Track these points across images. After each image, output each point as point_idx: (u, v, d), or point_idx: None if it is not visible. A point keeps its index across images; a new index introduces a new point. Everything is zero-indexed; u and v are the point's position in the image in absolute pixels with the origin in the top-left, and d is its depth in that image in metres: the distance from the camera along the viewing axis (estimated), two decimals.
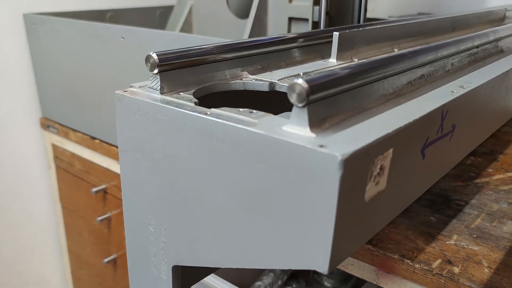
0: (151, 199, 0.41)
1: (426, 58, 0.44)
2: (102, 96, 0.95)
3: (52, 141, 1.18)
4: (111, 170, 1.03)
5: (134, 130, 0.39)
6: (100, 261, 1.15)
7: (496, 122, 0.61)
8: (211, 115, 0.33)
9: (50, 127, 1.14)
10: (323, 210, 0.28)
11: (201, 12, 1.09)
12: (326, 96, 0.31)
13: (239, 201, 0.33)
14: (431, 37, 0.67)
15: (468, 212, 0.60)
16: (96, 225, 1.14)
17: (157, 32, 0.79)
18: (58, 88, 1.06)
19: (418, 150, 0.37)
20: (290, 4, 0.89)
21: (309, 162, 0.28)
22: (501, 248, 0.52)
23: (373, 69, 0.36)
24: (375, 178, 0.31)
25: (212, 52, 0.44)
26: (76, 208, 1.20)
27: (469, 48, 0.54)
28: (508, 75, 0.53)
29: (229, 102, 0.42)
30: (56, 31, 0.98)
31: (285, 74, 0.47)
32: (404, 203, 0.40)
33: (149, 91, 0.40)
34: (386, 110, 0.35)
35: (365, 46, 0.54)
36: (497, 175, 0.72)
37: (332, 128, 0.31)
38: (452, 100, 0.40)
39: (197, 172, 0.35)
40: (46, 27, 1.01)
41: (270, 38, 0.50)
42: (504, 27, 0.64)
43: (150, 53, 0.39)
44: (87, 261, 1.25)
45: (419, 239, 0.54)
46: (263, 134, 0.30)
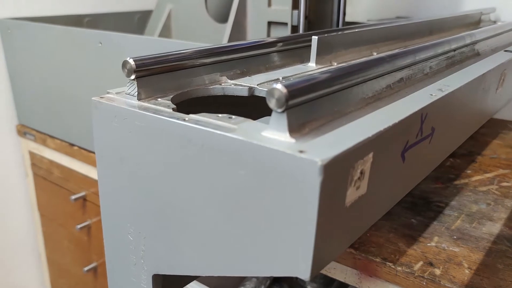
0: (129, 207, 0.40)
1: (404, 62, 0.44)
2: (80, 102, 0.93)
3: (29, 149, 1.15)
4: (91, 177, 1.02)
5: (112, 137, 0.39)
6: (80, 269, 1.13)
7: (474, 124, 0.62)
8: (189, 121, 0.33)
9: (27, 134, 1.12)
10: (303, 215, 0.28)
11: (180, 17, 1.08)
12: (306, 101, 0.31)
13: (219, 208, 0.33)
14: (409, 40, 0.68)
15: (448, 214, 0.61)
16: (75, 233, 1.12)
17: (135, 37, 0.78)
18: (35, 94, 1.04)
19: (398, 153, 0.37)
20: (269, 8, 0.88)
21: (289, 168, 0.28)
22: (481, 249, 0.53)
23: (352, 73, 0.36)
24: (355, 182, 0.31)
25: (191, 57, 0.43)
26: (55, 216, 1.18)
27: (447, 51, 0.54)
28: (485, 77, 0.53)
29: (208, 107, 0.41)
30: (32, 36, 0.97)
31: (265, 78, 0.46)
32: (385, 206, 0.40)
33: (126, 97, 0.39)
34: (365, 114, 0.35)
35: (344, 50, 0.54)
36: (475, 176, 0.73)
37: (311, 133, 0.31)
38: (431, 103, 0.40)
39: (176, 179, 0.35)
40: (22, 32, 0.99)
41: (249, 43, 0.50)
42: (480, 31, 0.65)
43: (127, 59, 0.38)
44: (67, 270, 1.22)
45: (401, 241, 0.54)
46: (242, 140, 0.30)
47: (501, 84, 0.63)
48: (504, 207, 0.63)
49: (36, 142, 1.11)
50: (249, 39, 0.88)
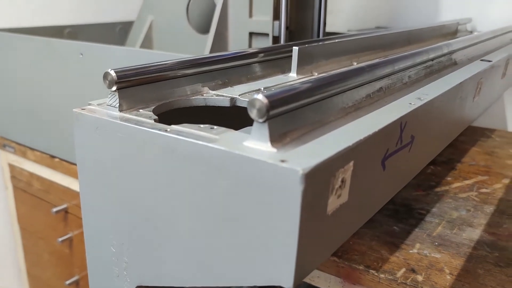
0: (112, 218, 0.40)
1: (384, 71, 0.45)
2: (60, 113, 0.93)
3: (9, 161, 1.14)
4: (72, 189, 1.01)
5: (93, 149, 0.39)
6: (62, 283, 1.12)
7: (453, 132, 0.63)
8: (171, 132, 0.33)
9: (6, 146, 1.10)
10: (286, 224, 0.28)
11: (162, 28, 1.08)
12: (287, 111, 0.31)
13: (202, 219, 0.33)
14: (389, 50, 0.69)
15: (430, 221, 0.61)
16: (57, 246, 1.10)
17: (117, 48, 0.78)
18: (15, 106, 1.03)
19: (379, 161, 0.37)
20: (250, 19, 0.89)
21: (271, 177, 0.28)
22: (462, 255, 0.53)
23: (333, 83, 0.37)
24: (336, 191, 0.31)
25: (172, 68, 0.43)
26: (35, 229, 1.16)
27: (425, 61, 0.55)
28: (462, 86, 0.54)
29: (190, 118, 0.41)
30: (12, 47, 0.96)
31: (246, 89, 0.47)
32: (367, 214, 0.41)
33: (108, 109, 0.39)
34: (346, 123, 0.36)
35: (325, 60, 0.55)
36: (455, 183, 0.74)
37: (293, 143, 0.31)
38: (410, 111, 0.41)
39: (158, 190, 0.35)
40: (1, 43, 0.98)
41: (230, 54, 0.50)
42: (457, 41, 0.66)
43: (108, 70, 0.38)
44: (48, 284, 1.20)
45: (383, 249, 0.54)
46: (224, 150, 0.30)
47: (478, 92, 0.64)
48: (484, 213, 0.64)
49: (16, 154, 1.09)
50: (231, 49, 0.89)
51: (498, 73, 0.75)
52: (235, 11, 0.92)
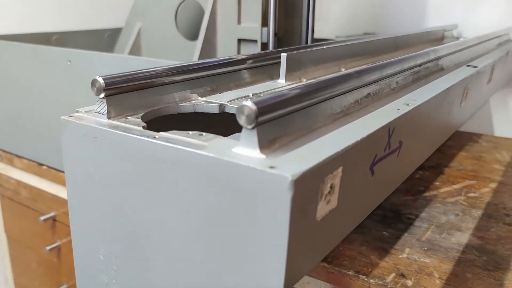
0: (100, 226, 0.39)
1: (371, 77, 0.45)
2: (48, 121, 0.92)
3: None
4: (60, 197, 1.00)
5: (81, 156, 0.38)
6: None
7: (441, 137, 0.63)
8: (159, 139, 0.33)
9: None
10: (275, 231, 0.28)
11: (150, 34, 1.08)
12: (275, 117, 0.31)
13: (191, 226, 0.33)
14: (376, 56, 0.69)
15: (419, 225, 0.62)
16: (44, 255, 1.09)
17: (105, 55, 0.78)
18: (2, 113, 1.02)
19: (367, 167, 0.38)
20: (239, 25, 0.89)
21: (260, 184, 0.28)
22: (451, 259, 0.54)
23: (321, 89, 0.37)
24: (326, 197, 0.31)
25: (161, 75, 0.43)
26: (23, 238, 1.15)
27: (412, 67, 0.55)
28: (449, 91, 0.55)
29: (178, 125, 0.41)
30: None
31: (235, 95, 0.47)
32: (356, 219, 0.41)
33: (95, 116, 0.39)
34: (334, 129, 0.36)
35: (313, 66, 0.55)
36: (444, 188, 0.74)
37: (282, 149, 0.31)
38: (398, 117, 0.41)
39: (147, 197, 0.34)
40: None
41: (219, 60, 0.50)
42: (444, 46, 0.67)
43: (96, 77, 0.38)
44: None
45: (373, 254, 0.54)
46: (213, 157, 0.30)
47: (465, 97, 0.65)
48: (472, 217, 0.64)
49: (3, 162, 1.08)
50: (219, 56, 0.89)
51: (484, 78, 0.75)
52: (223, 17, 0.92)
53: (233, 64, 0.52)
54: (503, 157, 0.91)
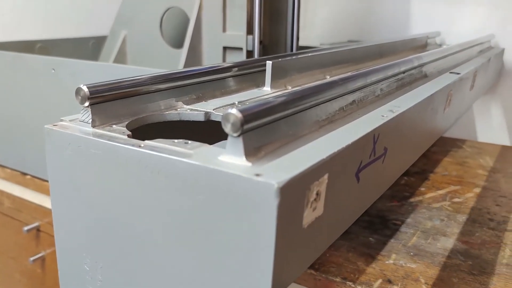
0: (85, 236, 0.39)
1: (356, 84, 0.45)
2: (32, 130, 0.91)
3: None
4: (44, 207, 0.99)
5: (66, 165, 0.38)
6: None
7: (426, 143, 0.64)
8: (145, 148, 0.33)
9: None
10: (262, 238, 0.28)
11: (135, 42, 1.08)
12: (261, 125, 0.31)
13: (177, 234, 0.32)
14: (361, 63, 0.70)
15: (405, 231, 0.62)
16: (28, 266, 1.07)
17: (90, 63, 0.78)
18: None
19: (353, 174, 0.38)
20: (224, 33, 0.90)
21: (246, 191, 0.28)
22: (436, 264, 0.54)
23: (306, 96, 0.37)
24: (312, 204, 0.31)
25: (146, 83, 0.43)
26: (6, 249, 1.13)
27: (396, 74, 0.56)
28: (433, 98, 0.55)
29: (164, 133, 0.41)
30: None
31: (221, 103, 0.47)
32: (342, 226, 0.41)
33: (80, 125, 0.38)
34: (320, 136, 0.36)
35: (298, 74, 0.55)
36: (429, 194, 0.75)
37: (267, 156, 0.31)
38: (383, 124, 0.41)
39: (133, 206, 0.34)
40: None
41: (204, 68, 0.50)
42: (427, 54, 0.67)
43: (80, 86, 0.38)
44: None
45: (360, 260, 0.55)
46: (198, 165, 0.30)
47: (448, 104, 0.65)
48: (457, 222, 0.65)
49: None
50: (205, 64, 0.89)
51: (467, 85, 0.77)
52: (208, 25, 0.92)
53: (218, 72, 0.52)
54: (486, 162, 0.92)
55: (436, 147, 0.99)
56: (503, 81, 1.16)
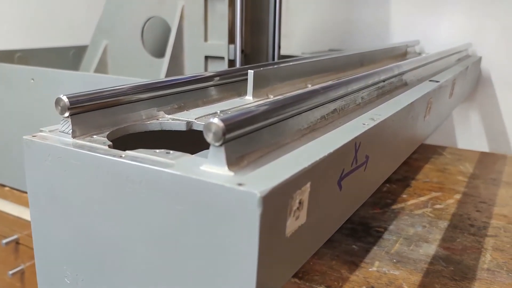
0: (65, 248, 0.38)
1: (337, 93, 0.46)
2: (11, 141, 0.89)
3: None
4: (24, 219, 0.97)
5: (45, 177, 0.37)
6: None
7: (407, 150, 0.65)
8: (126, 158, 0.32)
9: None
10: (245, 248, 0.28)
11: (116, 52, 1.07)
12: (243, 134, 0.31)
13: (159, 245, 0.32)
14: (342, 72, 0.71)
15: (388, 238, 0.62)
16: (7, 279, 1.05)
17: (70, 73, 0.77)
18: None
19: (335, 182, 0.38)
20: (205, 43, 0.90)
21: (229, 201, 0.28)
22: (419, 270, 0.54)
23: (288, 105, 0.37)
24: (295, 212, 0.31)
25: (127, 93, 0.43)
26: None
27: (377, 82, 0.57)
28: (413, 106, 0.56)
29: (145, 143, 0.41)
30: None
31: (202, 112, 0.47)
32: (326, 234, 0.41)
33: (60, 135, 0.38)
34: (302, 144, 0.36)
35: (280, 82, 0.55)
36: (411, 200, 0.76)
37: (250, 166, 0.31)
38: (364, 132, 0.41)
39: (114, 217, 0.34)
40: None
41: (186, 77, 0.50)
42: (407, 62, 0.68)
43: (60, 96, 0.37)
44: None
45: (343, 268, 0.55)
46: (180, 175, 0.29)
47: (428, 111, 0.66)
48: (438, 229, 0.66)
49: None
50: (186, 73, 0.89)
51: (446, 92, 0.78)
52: (190, 35, 0.92)
53: (200, 81, 0.52)
54: (466, 168, 0.93)
55: (417, 154, 1.00)
56: (480, 88, 1.18)
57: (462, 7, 1.17)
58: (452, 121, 1.22)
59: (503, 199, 0.77)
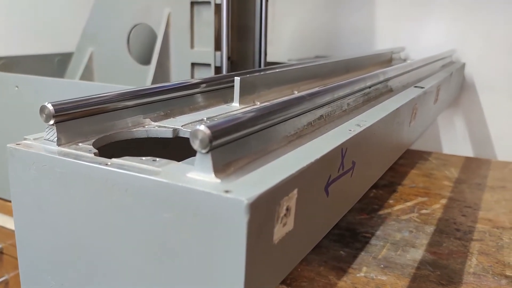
0: (50, 258, 0.38)
1: (324, 99, 0.46)
2: None
3: None
4: (7, 228, 0.95)
5: (30, 185, 0.37)
6: None
7: (393, 156, 0.65)
8: (112, 166, 0.32)
9: None
10: (232, 255, 0.28)
11: (102, 59, 1.06)
12: (230, 141, 0.31)
13: (146, 253, 0.32)
14: (328, 78, 0.71)
15: (375, 244, 0.63)
16: None
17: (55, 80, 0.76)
18: None
19: (322, 188, 0.38)
20: (192, 50, 0.90)
21: (216, 208, 0.28)
22: (406, 275, 0.55)
23: (275, 112, 0.37)
24: (282, 219, 0.31)
25: (113, 100, 0.42)
26: None
27: (363, 88, 0.57)
28: (399, 112, 0.57)
29: (132, 151, 0.41)
30: None
31: (189, 119, 0.47)
32: (313, 240, 0.41)
33: (45, 143, 0.37)
34: (288, 151, 0.36)
35: (266, 89, 0.56)
36: (397, 206, 0.76)
37: (237, 173, 0.31)
38: (350, 138, 0.42)
39: (100, 226, 0.33)
40: None
41: (172, 84, 0.50)
42: (392, 68, 0.69)
43: (44, 104, 0.37)
44: None
45: (331, 274, 0.55)
46: (167, 183, 0.29)
47: (414, 117, 0.67)
48: (425, 233, 0.66)
49: None
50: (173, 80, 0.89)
51: (431, 98, 0.78)
52: (176, 42, 0.92)
53: (186, 88, 0.52)
54: (451, 173, 0.94)
55: (403, 160, 1.01)
56: (464, 94, 1.20)
57: (446, 14, 1.18)
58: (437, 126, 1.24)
59: (488, 204, 0.78)
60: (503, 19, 1.12)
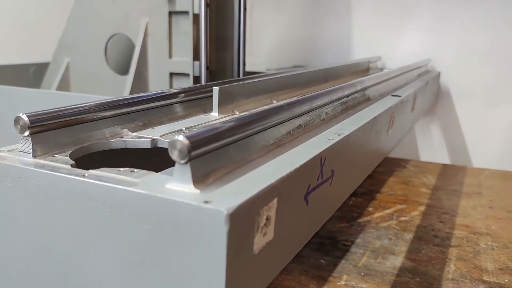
0: (25, 272, 0.37)
1: (302, 109, 0.46)
2: None
3: None
4: None
5: (4, 198, 0.36)
6: None
7: (371, 164, 0.66)
8: (89, 177, 0.32)
9: None
10: (213, 266, 0.28)
11: (79, 69, 1.05)
12: (209, 151, 0.31)
13: (125, 266, 0.31)
14: (306, 88, 0.71)
15: (355, 251, 0.63)
16: None
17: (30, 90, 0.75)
18: None
19: (302, 197, 0.38)
20: (170, 59, 0.89)
21: (195, 219, 0.28)
22: (386, 283, 0.55)
23: (254, 121, 0.37)
24: (262, 229, 0.31)
25: (90, 111, 0.42)
26: None
27: (341, 97, 0.58)
28: (376, 120, 0.57)
29: (109, 162, 0.40)
30: None
31: (168, 129, 0.46)
32: (293, 249, 0.41)
33: (20, 155, 0.37)
34: (268, 160, 0.36)
35: (245, 99, 0.56)
36: (376, 213, 0.77)
37: (216, 183, 0.31)
38: (329, 147, 0.42)
39: (77, 239, 0.33)
40: None
41: (150, 94, 0.50)
42: (369, 77, 0.70)
43: (19, 115, 0.36)
44: None
45: (312, 283, 0.55)
46: (145, 194, 0.29)
47: (391, 125, 0.68)
48: (404, 240, 0.66)
49: None
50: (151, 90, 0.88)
51: (408, 107, 0.80)
52: (154, 52, 0.92)
53: (165, 98, 0.51)
54: (429, 180, 0.95)
55: (381, 168, 1.02)
56: (440, 102, 1.22)
57: (421, 25, 1.21)
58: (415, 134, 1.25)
59: (465, 210, 0.79)
60: (477, 30, 1.15)
